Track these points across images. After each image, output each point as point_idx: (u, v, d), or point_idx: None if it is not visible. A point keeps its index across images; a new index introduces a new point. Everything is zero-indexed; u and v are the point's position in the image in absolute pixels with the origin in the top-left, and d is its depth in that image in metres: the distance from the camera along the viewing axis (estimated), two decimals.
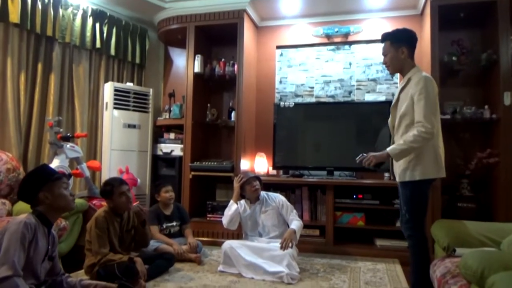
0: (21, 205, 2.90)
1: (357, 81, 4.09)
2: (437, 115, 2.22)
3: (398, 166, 2.26)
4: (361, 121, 3.80)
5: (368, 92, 4.05)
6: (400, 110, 2.26)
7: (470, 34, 3.70)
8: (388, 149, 2.19)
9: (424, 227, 2.23)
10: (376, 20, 4.02)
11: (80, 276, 2.73)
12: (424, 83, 2.14)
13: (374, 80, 4.04)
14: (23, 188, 1.76)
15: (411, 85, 2.21)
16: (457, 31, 3.68)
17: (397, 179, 2.29)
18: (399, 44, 2.27)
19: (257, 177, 3.19)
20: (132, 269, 2.50)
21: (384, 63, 2.37)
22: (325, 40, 4.16)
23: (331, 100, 4.13)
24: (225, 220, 3.12)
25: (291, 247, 2.81)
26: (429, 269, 2.16)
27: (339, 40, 4.13)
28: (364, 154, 2.28)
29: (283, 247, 2.78)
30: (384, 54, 2.35)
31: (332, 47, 4.18)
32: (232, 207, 3.10)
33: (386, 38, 2.32)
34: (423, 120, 2.10)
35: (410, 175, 2.18)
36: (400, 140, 2.21)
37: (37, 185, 1.72)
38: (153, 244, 3.09)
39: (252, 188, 3.11)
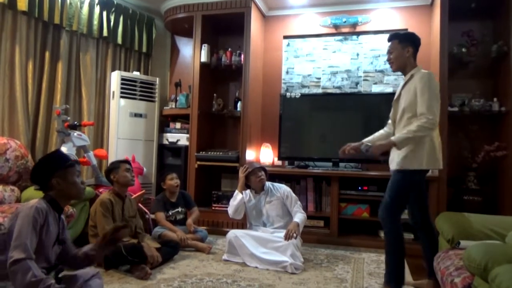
0: (30, 192, 2.95)
1: (365, 72, 4.06)
2: (439, 109, 2.31)
3: (397, 155, 2.33)
4: (367, 112, 3.78)
5: (375, 83, 4.01)
6: (403, 104, 2.37)
7: (480, 25, 3.64)
8: (392, 138, 2.30)
9: (400, 215, 2.33)
10: (385, 10, 3.97)
11: None
12: (428, 78, 2.27)
13: (381, 71, 4.00)
14: (36, 172, 1.77)
15: (414, 80, 2.33)
16: (468, 22, 3.62)
17: (393, 167, 2.38)
18: (406, 44, 2.41)
19: (262, 168, 3.20)
20: (139, 249, 2.53)
21: (388, 59, 2.49)
22: (332, 31, 4.12)
23: (337, 91, 4.11)
24: (230, 210, 3.15)
25: (295, 238, 2.83)
26: (403, 255, 2.28)
27: (347, 31, 4.09)
28: (369, 144, 2.39)
29: (287, 238, 2.81)
30: (390, 51, 2.47)
31: (340, 37, 4.14)
32: (237, 197, 3.12)
33: (395, 37, 2.46)
34: (426, 112, 2.21)
35: (408, 163, 2.27)
36: (403, 130, 2.31)
37: (51, 170, 1.74)
38: (157, 230, 3.13)
39: (257, 178, 3.12)
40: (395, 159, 2.36)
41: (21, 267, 1.49)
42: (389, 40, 2.49)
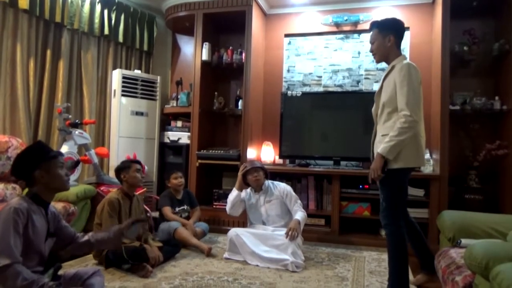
0: None
1: (366, 70, 4.05)
2: (420, 103, 2.18)
3: None
4: (368, 111, 3.74)
5: (377, 81, 4.00)
6: (383, 98, 2.25)
7: (482, 23, 3.63)
8: (379, 151, 2.16)
9: (401, 217, 2.22)
10: (386, 9, 3.95)
11: (88, 260, 2.79)
12: (407, 70, 2.12)
13: (383, 69, 3.99)
14: (18, 165, 1.70)
15: (395, 72, 2.20)
16: (469, 20, 3.61)
17: None
18: (386, 32, 2.26)
19: (261, 168, 3.19)
20: (140, 252, 2.54)
21: (371, 51, 2.35)
22: (334, 29, 4.12)
23: (339, 89, 4.10)
24: (227, 206, 3.19)
25: (296, 237, 2.83)
26: (407, 260, 2.17)
27: (348, 29, 4.08)
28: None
29: (288, 236, 2.80)
30: (372, 42, 2.33)
31: (341, 35, 4.13)
32: (233, 193, 3.16)
33: (374, 26, 2.31)
34: (404, 108, 2.09)
35: (394, 162, 2.16)
36: (382, 130, 2.22)
37: (33, 162, 1.67)
38: (172, 225, 3.14)
39: (253, 178, 3.13)
40: None
41: (10, 272, 1.46)
42: (370, 29, 2.33)
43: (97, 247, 1.84)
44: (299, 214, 2.98)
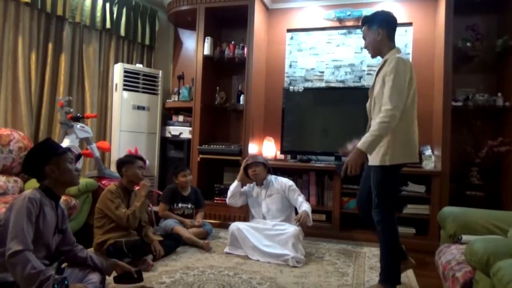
0: (33, 183, 2.95)
1: (368, 66, 4.04)
2: (413, 99, 2.16)
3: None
4: None
5: None
6: (374, 93, 2.24)
7: (485, 19, 3.61)
8: (358, 145, 2.13)
9: (393, 212, 2.22)
10: (389, 4, 3.93)
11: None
12: (395, 64, 2.10)
13: None
14: (28, 162, 1.76)
15: (385, 66, 2.19)
16: (472, 16, 3.59)
17: (370, 163, 2.27)
18: (375, 26, 2.26)
19: (262, 163, 3.19)
20: (140, 246, 2.55)
21: (365, 47, 2.36)
22: (336, 24, 4.09)
23: (341, 85, 4.09)
24: (227, 197, 3.23)
25: (308, 224, 2.87)
26: (399, 254, 2.22)
27: (351, 24, 4.05)
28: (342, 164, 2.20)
29: (299, 222, 2.82)
30: (364, 37, 2.34)
31: (344, 31, 4.11)
32: (234, 184, 3.21)
33: (364, 22, 2.32)
34: (387, 103, 2.07)
35: (381, 159, 2.15)
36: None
37: (43, 159, 1.72)
38: (170, 224, 3.14)
39: (252, 172, 3.16)
40: (372, 154, 2.23)
41: (20, 259, 1.49)
42: (361, 25, 2.35)
43: (89, 266, 1.91)
44: (305, 206, 2.97)
